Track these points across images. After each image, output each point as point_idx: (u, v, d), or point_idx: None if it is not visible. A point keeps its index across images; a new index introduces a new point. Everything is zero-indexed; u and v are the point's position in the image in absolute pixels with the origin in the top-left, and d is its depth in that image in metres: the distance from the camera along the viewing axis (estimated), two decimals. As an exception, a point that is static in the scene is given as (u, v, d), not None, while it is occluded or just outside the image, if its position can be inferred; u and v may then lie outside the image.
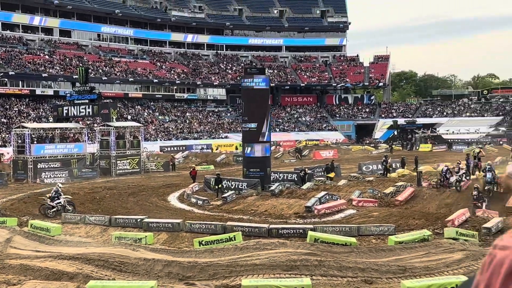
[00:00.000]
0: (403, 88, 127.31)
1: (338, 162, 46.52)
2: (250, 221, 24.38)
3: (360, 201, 27.78)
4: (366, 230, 21.50)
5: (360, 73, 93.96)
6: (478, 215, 23.62)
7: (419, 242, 19.07)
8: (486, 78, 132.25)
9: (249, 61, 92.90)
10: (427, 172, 38.91)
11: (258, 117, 33.81)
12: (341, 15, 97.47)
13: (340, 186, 33.30)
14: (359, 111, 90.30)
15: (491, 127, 73.55)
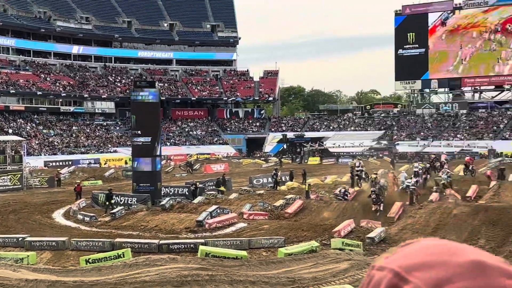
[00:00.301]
0: (292, 102, 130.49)
1: (229, 175, 46.71)
2: (139, 237, 23.87)
3: (251, 214, 28.00)
4: (257, 243, 21.70)
5: (250, 87, 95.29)
6: (362, 225, 24.54)
7: (308, 253, 19.49)
8: (369, 94, 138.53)
9: (138, 74, 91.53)
10: (315, 184, 40.00)
11: (149, 131, 33.32)
12: (231, 30, 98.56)
13: (231, 200, 33.43)
14: (249, 125, 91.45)
15: (373, 141, 77.01)
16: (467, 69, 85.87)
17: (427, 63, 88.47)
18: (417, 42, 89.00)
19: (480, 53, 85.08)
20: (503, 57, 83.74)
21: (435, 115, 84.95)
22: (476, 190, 33.56)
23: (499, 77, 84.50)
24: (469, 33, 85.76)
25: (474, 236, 22.16)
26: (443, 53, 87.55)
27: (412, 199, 29.28)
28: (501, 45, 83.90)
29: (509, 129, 75.14)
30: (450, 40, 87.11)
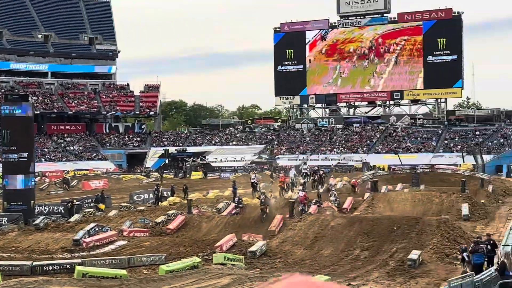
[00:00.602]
0: (173, 117, 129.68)
1: (108, 192, 45.44)
2: (10, 259, 22.45)
3: (131, 231, 27.32)
4: (137, 261, 21.16)
5: (131, 101, 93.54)
6: (244, 239, 24.67)
7: (190, 269, 19.25)
8: (250, 109, 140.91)
9: (10, 87, 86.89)
10: (197, 199, 39.84)
11: (21, 147, 31.73)
12: (110, 43, 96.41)
13: (111, 217, 32.49)
14: (130, 140, 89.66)
15: (255, 155, 78.16)
16: (345, 82, 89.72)
17: (305, 79, 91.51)
18: (296, 59, 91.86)
19: (357, 68, 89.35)
20: (378, 71, 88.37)
21: (313, 130, 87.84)
22: (352, 202, 34.97)
23: (372, 94, 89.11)
24: (347, 47, 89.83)
25: (350, 247, 22.96)
26: (324, 66, 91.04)
27: (292, 212, 29.91)
28: (373, 63, 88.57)
29: (381, 143, 79.26)
30: (329, 54, 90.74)
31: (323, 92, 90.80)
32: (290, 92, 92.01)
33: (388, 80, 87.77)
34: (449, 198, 32.77)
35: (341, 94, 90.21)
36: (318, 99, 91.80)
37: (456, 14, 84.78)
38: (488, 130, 77.46)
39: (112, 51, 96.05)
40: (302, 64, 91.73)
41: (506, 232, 19.91)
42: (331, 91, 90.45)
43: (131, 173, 71.23)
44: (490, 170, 60.77)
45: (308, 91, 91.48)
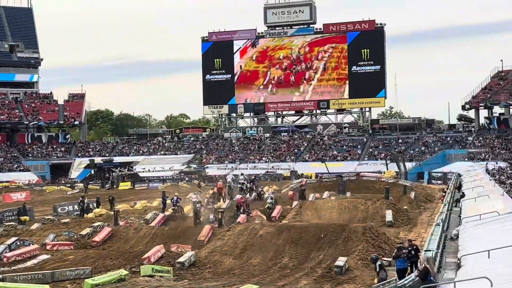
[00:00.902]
0: (99, 126, 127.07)
1: (31, 204, 43.95)
2: None
3: (55, 244, 26.55)
4: (61, 275, 20.56)
5: (54, 111, 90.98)
6: (172, 250, 24.41)
7: (116, 282, 18.86)
8: (179, 118, 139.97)
9: None
10: (124, 210, 39.17)
11: None
12: (32, 51, 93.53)
13: (33, 230, 31.45)
14: (54, 150, 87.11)
15: (183, 164, 77.62)
16: (275, 89, 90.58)
17: (234, 89, 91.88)
18: (224, 68, 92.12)
19: (286, 74, 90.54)
20: (307, 78, 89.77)
21: (241, 139, 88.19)
22: (280, 210, 35.29)
23: (299, 103, 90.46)
24: (277, 54, 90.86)
25: (278, 255, 23.15)
26: (255, 72, 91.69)
27: (221, 222, 29.87)
28: (302, 69, 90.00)
29: (309, 152, 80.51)
30: (260, 61, 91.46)
31: (253, 98, 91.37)
32: (219, 101, 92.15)
33: (316, 87, 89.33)
34: (374, 205, 33.64)
35: (269, 104, 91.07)
36: (246, 108, 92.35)
37: (379, 26, 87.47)
38: (410, 138, 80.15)
39: (34, 59, 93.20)
40: (230, 74, 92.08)
41: (427, 237, 20.61)
42: (262, 97, 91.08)
43: (55, 185, 69.18)
44: (412, 177, 62.82)
45: (237, 100, 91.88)
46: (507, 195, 29.55)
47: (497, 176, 41.95)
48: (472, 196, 33.61)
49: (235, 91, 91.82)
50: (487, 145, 71.11)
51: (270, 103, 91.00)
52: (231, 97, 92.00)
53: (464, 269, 15.90)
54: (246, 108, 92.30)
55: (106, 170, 73.80)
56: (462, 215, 27.65)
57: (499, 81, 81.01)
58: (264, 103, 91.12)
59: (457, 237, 22.04)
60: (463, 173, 52.82)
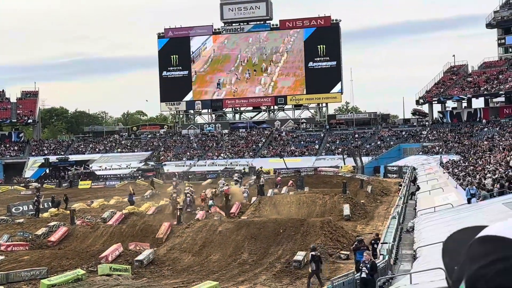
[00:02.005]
0: (54, 124, 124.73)
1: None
2: None
3: (9, 245, 25.98)
4: (16, 276, 20.14)
5: (7, 109, 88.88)
6: (130, 248, 24.17)
7: (73, 282, 18.58)
8: (136, 115, 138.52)
9: None
10: (80, 209, 38.60)
11: None
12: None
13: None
14: (7, 149, 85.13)
15: (141, 162, 76.86)
16: (234, 86, 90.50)
17: (191, 85, 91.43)
18: (180, 64, 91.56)
19: (245, 71, 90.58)
20: (269, 72, 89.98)
21: (200, 135, 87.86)
22: (239, 206, 35.33)
23: (257, 99, 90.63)
24: (235, 51, 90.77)
25: (238, 251, 23.17)
26: (212, 72, 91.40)
27: (180, 218, 29.70)
28: (261, 66, 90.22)
29: (267, 148, 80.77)
30: (218, 59, 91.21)
31: (211, 96, 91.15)
32: (176, 98, 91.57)
33: (275, 83, 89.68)
34: (332, 199, 33.97)
35: (226, 100, 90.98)
36: (204, 104, 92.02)
37: (335, 22, 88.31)
38: (366, 133, 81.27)
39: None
40: (187, 70, 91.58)
41: (384, 230, 20.96)
42: (222, 94, 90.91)
43: (8, 184, 67.59)
44: (369, 171, 63.69)
45: (194, 96, 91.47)
46: (460, 187, 30.25)
47: (451, 169, 42.88)
48: (427, 189, 34.29)
49: (192, 88, 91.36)
50: (441, 138, 72.67)
51: (228, 99, 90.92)
52: (188, 94, 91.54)
53: (420, 260, 16.21)
54: (204, 104, 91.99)
55: (61, 168, 72.52)
56: (417, 207, 28.19)
57: (451, 76, 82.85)
58: (222, 100, 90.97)
59: (412, 229, 22.47)
60: (418, 167, 53.83)
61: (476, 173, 32.86)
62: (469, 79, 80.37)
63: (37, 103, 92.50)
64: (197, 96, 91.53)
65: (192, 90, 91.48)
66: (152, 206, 37.01)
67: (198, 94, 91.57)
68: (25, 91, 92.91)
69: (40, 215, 37.65)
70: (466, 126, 75.59)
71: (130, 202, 37.68)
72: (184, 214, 31.20)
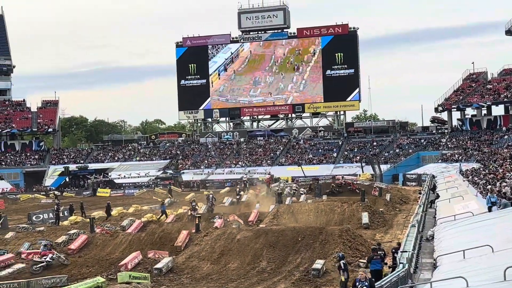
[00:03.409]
0: (74, 133, 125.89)
1: (5, 213, 43.32)
2: None
3: (30, 253, 26.18)
4: (37, 284, 20.35)
5: (27, 118, 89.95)
6: (149, 256, 24.27)
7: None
8: (154, 124, 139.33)
9: None
10: (100, 217, 38.89)
11: None
12: (5, 58, 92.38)
13: (8, 239, 31.04)
14: (27, 158, 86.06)
15: (159, 170, 77.24)
16: (257, 94, 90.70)
17: (209, 93, 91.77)
18: (199, 73, 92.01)
19: (268, 79, 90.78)
20: (288, 81, 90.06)
21: (217, 144, 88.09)
22: (257, 214, 35.33)
23: (274, 107, 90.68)
24: (259, 60, 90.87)
25: (256, 259, 23.17)
26: (239, 79, 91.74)
27: (198, 227, 29.76)
28: (281, 75, 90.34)
29: (285, 156, 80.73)
30: (243, 68, 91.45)
31: (231, 105, 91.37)
32: (194, 106, 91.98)
33: (294, 91, 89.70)
34: (350, 207, 33.84)
35: (244, 108, 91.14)
36: (222, 113, 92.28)
37: (352, 30, 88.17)
38: (385, 141, 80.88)
39: (7, 66, 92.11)
40: (205, 78, 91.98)
41: (403, 238, 20.83)
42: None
43: (29, 193, 68.30)
44: (387, 179, 63.41)
45: (212, 105, 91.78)
46: (480, 195, 29.96)
47: (471, 177, 42.49)
48: (447, 197, 34.01)
49: (210, 96, 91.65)
50: (460, 146, 72.08)
51: (246, 107, 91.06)
52: (207, 102, 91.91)
53: (440, 269, 16.09)
54: (222, 112, 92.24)
55: (81, 177, 73.13)
56: (437, 216, 27.96)
57: (470, 83, 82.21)
58: (240, 108, 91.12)
59: (432, 238, 22.29)
60: (437, 175, 53.41)
61: (497, 181, 32.52)
62: (488, 86, 79.70)
63: (57, 112, 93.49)
64: (216, 104, 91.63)
65: (210, 98, 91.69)
66: (171, 214, 37.17)
67: (216, 102, 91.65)
68: (45, 100, 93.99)
69: (60, 223, 37.97)
70: (485, 133, 74.91)
71: (163, 212, 37.95)
72: (206, 215, 31.54)
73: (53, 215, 40.07)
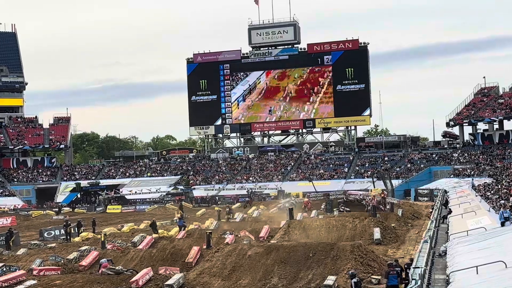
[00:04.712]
0: (85, 150, 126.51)
1: (17, 229, 43.47)
2: None
3: (42, 269, 26.21)
4: (48, 301, 20.28)
5: (39, 135, 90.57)
6: (160, 273, 24.23)
7: (105, 307, 18.64)
8: (165, 140, 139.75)
9: None
10: (111, 233, 38.91)
11: None
12: (17, 75, 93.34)
13: (20, 256, 31.05)
14: (39, 174, 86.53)
15: (170, 186, 77.34)
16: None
17: (220, 109, 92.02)
18: (209, 89, 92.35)
19: (280, 100, 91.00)
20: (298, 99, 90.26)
21: (228, 159, 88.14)
22: (268, 230, 35.21)
23: (285, 123, 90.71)
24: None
25: (268, 275, 23.05)
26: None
27: (209, 243, 29.70)
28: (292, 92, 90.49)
29: (295, 171, 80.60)
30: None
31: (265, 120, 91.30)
32: (205, 122, 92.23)
33: (307, 107, 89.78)
34: (362, 223, 33.64)
35: (254, 124, 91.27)
36: (232, 128, 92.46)
37: (363, 45, 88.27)
38: (396, 156, 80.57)
39: (19, 83, 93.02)
40: (216, 94, 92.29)
41: (416, 254, 20.66)
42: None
43: (41, 209, 68.58)
44: (399, 194, 63.08)
45: (224, 120, 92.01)
46: (493, 210, 29.73)
47: (483, 192, 42.20)
48: (459, 212, 33.77)
49: (221, 111, 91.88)
50: (472, 161, 71.66)
51: (256, 123, 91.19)
52: (217, 118, 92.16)
53: (453, 286, 15.93)
54: (232, 128, 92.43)
55: (92, 193, 73.37)
56: (449, 231, 27.75)
57: (482, 98, 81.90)
58: (250, 123, 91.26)
59: (445, 254, 22.11)
60: (449, 190, 53.08)
61: (510, 196, 32.27)
62: (500, 100, 79.36)
63: (69, 129, 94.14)
64: (231, 120, 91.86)
65: (221, 113, 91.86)
66: (182, 230, 37.13)
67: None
68: (57, 117, 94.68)
69: (72, 239, 38.03)
70: (498, 148, 74.47)
71: (180, 226, 38.02)
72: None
73: (65, 232, 40.08)
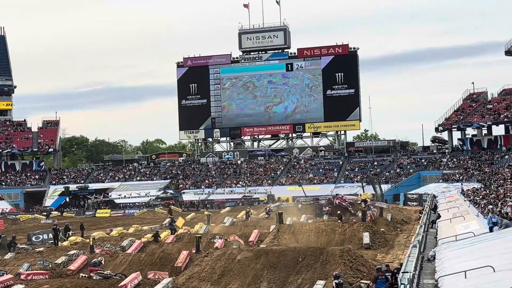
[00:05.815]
0: (74, 153, 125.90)
1: (5, 233, 43.12)
2: None
3: (29, 274, 25.99)
4: (36, 306, 20.14)
5: (28, 138, 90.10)
6: (149, 277, 24.13)
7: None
8: (155, 143, 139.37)
9: None
10: (100, 238, 38.74)
11: None
12: (6, 78, 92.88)
13: (7, 260, 30.86)
14: (27, 178, 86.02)
15: (160, 190, 77.15)
16: (253, 113, 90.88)
17: (210, 113, 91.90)
18: (199, 93, 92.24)
19: (263, 99, 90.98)
20: (282, 101, 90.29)
21: (218, 163, 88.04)
22: (258, 234, 35.18)
23: (275, 127, 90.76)
24: (255, 79, 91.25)
25: (257, 280, 23.01)
26: (235, 97, 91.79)
27: (199, 247, 29.62)
28: (278, 93, 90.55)
29: (285, 175, 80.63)
30: (240, 86, 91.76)
31: (231, 125, 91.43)
32: (195, 126, 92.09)
33: (293, 110, 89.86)
34: (351, 227, 33.68)
35: (245, 128, 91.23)
36: (222, 132, 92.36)
37: (352, 50, 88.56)
38: (385, 161, 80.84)
39: (8, 86, 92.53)
40: (206, 98, 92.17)
41: (404, 259, 20.71)
42: (243, 122, 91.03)
43: (29, 213, 68.10)
44: (389, 199, 63.27)
45: (214, 125, 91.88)
46: (481, 215, 29.88)
47: (472, 197, 42.42)
48: (448, 217, 33.89)
49: (211, 116, 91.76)
50: (461, 166, 72.02)
51: (246, 127, 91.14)
52: (207, 122, 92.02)
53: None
54: (222, 132, 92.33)
55: (81, 197, 72.97)
56: (438, 236, 27.84)
57: (471, 103, 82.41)
58: (240, 127, 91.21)
59: (434, 258, 22.17)
60: (438, 194, 53.30)
61: (498, 201, 32.46)
62: (489, 106, 79.89)
63: (58, 132, 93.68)
64: (217, 124, 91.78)
65: (210, 118, 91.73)
66: (171, 235, 37.03)
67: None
68: (46, 121, 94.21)
69: (60, 243, 37.80)
70: (486, 153, 74.92)
71: (171, 229, 37.90)
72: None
73: (53, 236, 39.83)
